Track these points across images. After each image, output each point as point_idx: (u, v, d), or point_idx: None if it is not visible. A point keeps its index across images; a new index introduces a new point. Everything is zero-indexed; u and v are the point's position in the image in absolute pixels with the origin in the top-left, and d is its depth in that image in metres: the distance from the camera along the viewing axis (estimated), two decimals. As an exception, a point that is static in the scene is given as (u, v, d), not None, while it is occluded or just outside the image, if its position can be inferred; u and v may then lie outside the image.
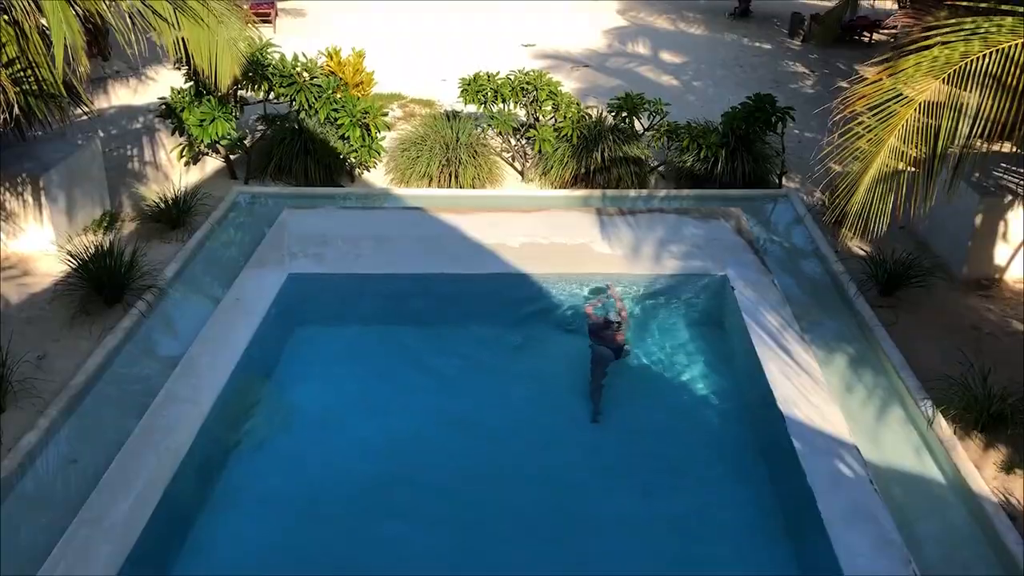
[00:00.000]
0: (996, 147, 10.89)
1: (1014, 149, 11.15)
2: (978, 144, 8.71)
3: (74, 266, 10.09)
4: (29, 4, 8.29)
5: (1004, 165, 11.19)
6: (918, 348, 9.46)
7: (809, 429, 8.33)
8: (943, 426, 8.14)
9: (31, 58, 9.23)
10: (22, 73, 9.49)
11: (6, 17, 8.96)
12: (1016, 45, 7.77)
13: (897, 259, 10.61)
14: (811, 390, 8.86)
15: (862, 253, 11.39)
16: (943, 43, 8.03)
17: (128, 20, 9.54)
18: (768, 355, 9.44)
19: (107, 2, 9.57)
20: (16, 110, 8.70)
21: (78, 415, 8.33)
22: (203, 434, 8.22)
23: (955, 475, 7.74)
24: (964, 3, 8.54)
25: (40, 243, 11.12)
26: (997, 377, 8.47)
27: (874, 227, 8.26)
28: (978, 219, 10.78)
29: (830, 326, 10.09)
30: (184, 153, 13.37)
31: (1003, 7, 8.16)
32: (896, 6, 22.53)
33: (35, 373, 8.68)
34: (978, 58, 7.83)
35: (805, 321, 10.10)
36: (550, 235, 12.21)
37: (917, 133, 8.04)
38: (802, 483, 7.74)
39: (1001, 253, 10.92)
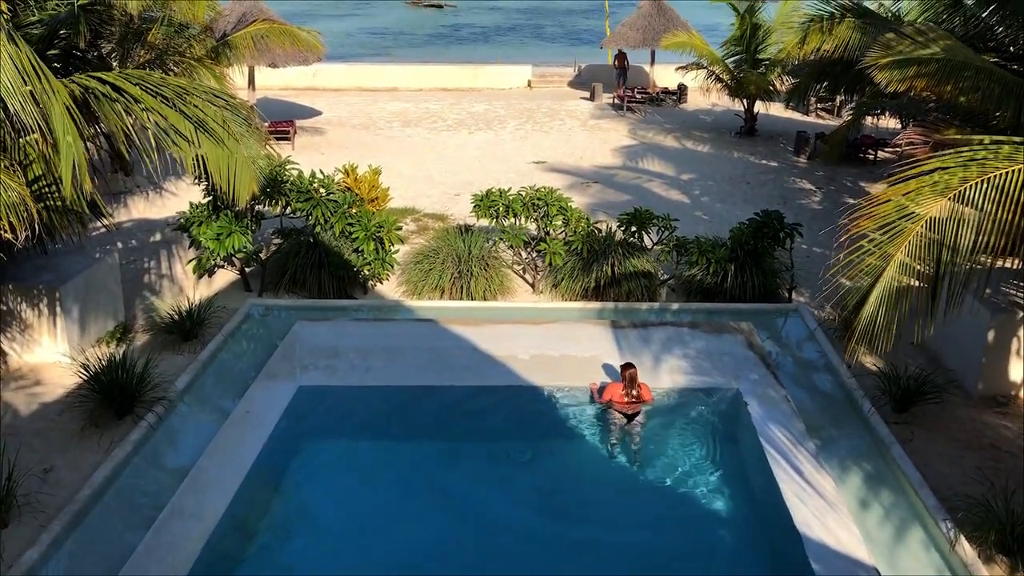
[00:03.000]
0: (1005, 263, 10.94)
1: (1023, 265, 11.21)
2: (986, 260, 8.78)
3: (85, 378, 10.12)
4: (44, 128, 8.59)
5: (1014, 281, 11.23)
6: (936, 466, 9.30)
7: (827, 550, 8.11)
8: (966, 548, 7.90)
9: (55, 175, 9.49)
10: (46, 189, 9.76)
11: (34, 136, 9.27)
12: (1013, 171, 7.94)
13: (910, 375, 10.54)
14: (828, 509, 8.67)
15: (874, 368, 11.32)
16: (943, 168, 8.22)
17: (152, 140, 9.84)
18: (783, 472, 9.28)
19: (131, 120, 9.90)
20: (38, 225, 8.89)
21: (82, 530, 8.18)
22: (208, 551, 8.06)
23: (981, 600, 7.49)
24: (962, 136, 8.78)
25: (53, 354, 11.19)
26: (1019, 497, 8.28)
27: (881, 343, 8.24)
28: (990, 335, 10.74)
29: (845, 443, 9.95)
30: (200, 266, 13.57)
31: (998, 137, 8.40)
32: (899, 126, 23.13)
33: (41, 487, 8.58)
34: (977, 183, 8.00)
35: (819, 437, 9.97)
36: (560, 347, 12.22)
37: (923, 249, 8.12)
38: (822, 607, 7.50)
39: (1016, 370, 10.83)
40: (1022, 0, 12.52)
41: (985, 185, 8.01)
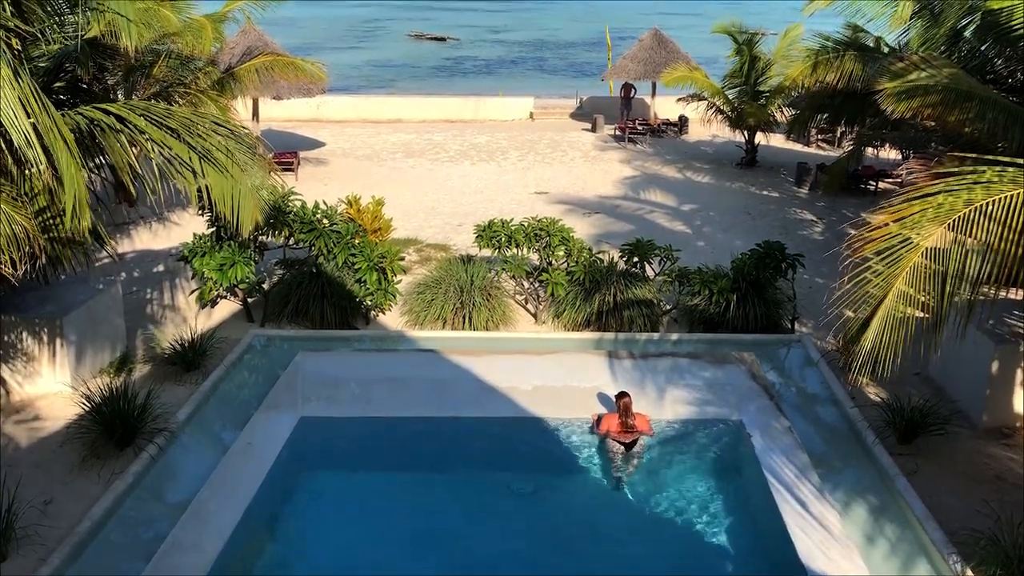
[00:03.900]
0: (1009, 294, 10.94)
1: (1026, 296, 11.22)
2: (989, 290, 8.76)
3: (86, 409, 10.09)
4: (46, 161, 8.63)
5: (1016, 312, 11.21)
6: (942, 499, 9.22)
7: (833, 584, 8.04)
8: (973, 582, 7.83)
9: (60, 207, 9.52)
10: (51, 221, 9.80)
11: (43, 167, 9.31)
12: (1018, 194, 7.94)
13: (915, 406, 10.49)
14: (832, 542, 8.60)
15: (878, 399, 11.28)
16: (947, 191, 8.21)
17: (156, 170, 9.89)
18: (786, 504, 9.22)
19: (135, 151, 9.95)
20: (43, 257, 8.91)
21: (81, 563, 8.10)
22: (208, 584, 8.01)
23: (988, 635, 7.40)
24: (968, 156, 8.80)
25: (54, 385, 11.17)
26: (1025, 530, 8.21)
27: (882, 370, 8.20)
28: (994, 366, 10.71)
29: (849, 475, 9.88)
30: (202, 296, 13.59)
31: (1003, 159, 8.40)
32: (900, 157, 23.24)
33: (40, 519, 8.53)
34: (982, 205, 7.99)
35: (823, 469, 9.91)
36: (563, 378, 12.18)
37: (925, 278, 8.11)
38: (828, 643, 7.41)
39: (1020, 401, 10.77)
40: (1020, 35, 12.63)
41: (991, 207, 7.99)
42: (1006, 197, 8.05)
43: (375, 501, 10.19)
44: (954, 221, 8.05)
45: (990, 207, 8.01)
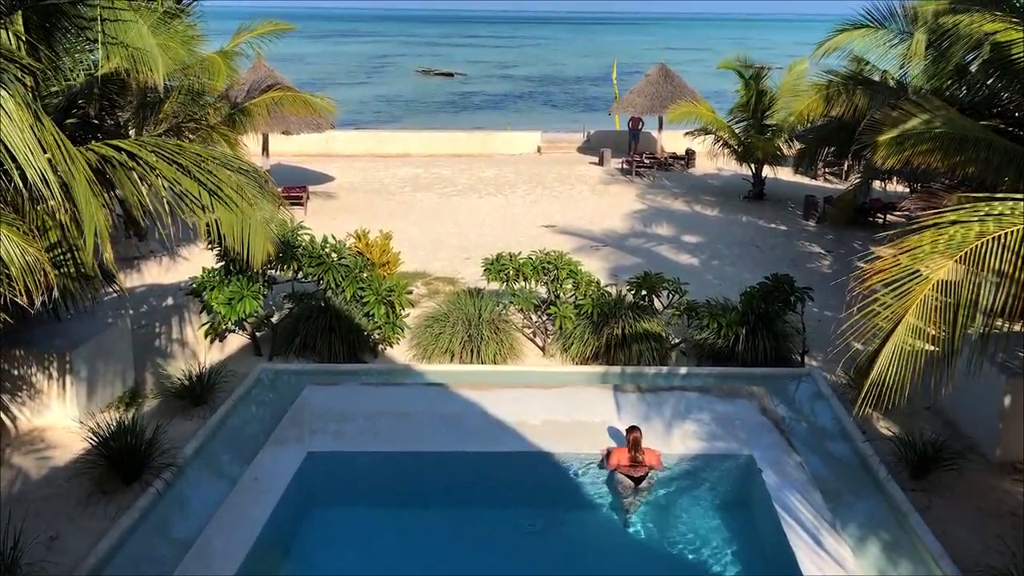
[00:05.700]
0: (1018, 327, 10.87)
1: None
2: (1001, 323, 8.70)
3: (94, 443, 10.07)
4: (61, 197, 8.66)
5: (1028, 345, 11.14)
6: (956, 535, 9.11)
7: (847, 622, 7.91)
8: (989, 620, 7.71)
9: (71, 242, 9.57)
10: (62, 256, 9.85)
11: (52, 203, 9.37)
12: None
13: (927, 440, 10.39)
14: (846, 579, 8.48)
15: (890, 434, 11.18)
16: (959, 222, 8.19)
17: (166, 205, 9.95)
18: (799, 540, 9.10)
19: (146, 187, 10.01)
20: (56, 291, 8.93)
21: (86, 600, 8.07)
22: (213, 622, 7.92)
23: (1007, 675, 7.26)
24: (971, 195, 8.79)
25: (63, 419, 11.17)
26: (1042, 567, 8.09)
27: (888, 401, 8.11)
28: (1007, 400, 10.62)
29: (861, 510, 9.76)
30: (211, 331, 13.61)
31: (1015, 195, 8.38)
32: (907, 190, 23.27)
33: (46, 555, 8.49)
34: (993, 238, 7.96)
35: (835, 504, 9.79)
36: (571, 412, 12.11)
37: (935, 311, 8.05)
38: None
39: (1033, 435, 10.67)
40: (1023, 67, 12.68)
41: (1004, 239, 7.95)
42: (1018, 230, 8.02)
43: (383, 537, 10.10)
44: (965, 254, 8.02)
45: (1003, 239, 7.98)
